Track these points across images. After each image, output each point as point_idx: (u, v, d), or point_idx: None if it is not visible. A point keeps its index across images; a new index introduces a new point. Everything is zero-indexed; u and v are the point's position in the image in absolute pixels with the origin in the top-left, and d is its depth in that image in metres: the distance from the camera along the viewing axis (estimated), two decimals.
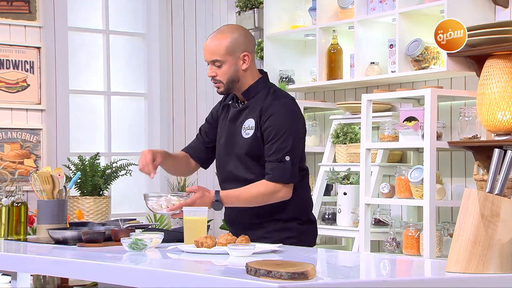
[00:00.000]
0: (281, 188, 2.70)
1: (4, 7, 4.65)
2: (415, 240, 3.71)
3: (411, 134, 3.74)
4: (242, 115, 2.82)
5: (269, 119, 2.72)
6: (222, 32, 2.79)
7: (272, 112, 2.73)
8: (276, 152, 2.70)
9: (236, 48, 2.76)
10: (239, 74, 2.77)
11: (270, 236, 2.75)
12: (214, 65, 2.76)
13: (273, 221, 2.78)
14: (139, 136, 5.24)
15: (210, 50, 2.76)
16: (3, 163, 4.61)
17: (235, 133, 2.81)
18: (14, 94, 4.68)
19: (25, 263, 2.38)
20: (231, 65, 2.75)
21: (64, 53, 4.84)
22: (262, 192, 2.70)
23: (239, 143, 2.79)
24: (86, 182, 4.23)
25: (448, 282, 1.88)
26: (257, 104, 2.78)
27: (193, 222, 2.51)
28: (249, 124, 2.77)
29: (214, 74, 2.77)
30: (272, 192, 2.70)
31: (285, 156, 2.69)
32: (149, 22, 5.22)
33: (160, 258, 2.30)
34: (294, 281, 1.71)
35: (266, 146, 2.73)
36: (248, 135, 2.76)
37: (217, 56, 2.75)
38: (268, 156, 2.72)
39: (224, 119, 2.89)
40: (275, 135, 2.70)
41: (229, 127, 2.84)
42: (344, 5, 4.30)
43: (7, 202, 2.87)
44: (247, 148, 2.76)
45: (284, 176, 2.69)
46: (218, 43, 2.75)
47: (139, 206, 5.19)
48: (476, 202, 1.92)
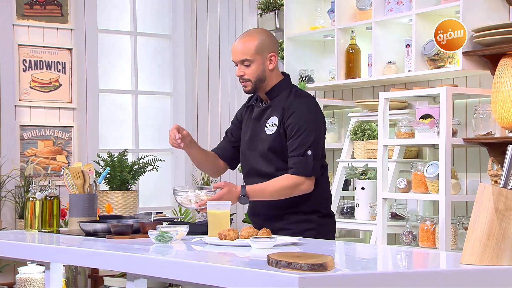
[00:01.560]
0: (303, 181, 2.73)
1: (38, 10, 4.70)
2: (431, 233, 3.69)
3: (427, 131, 3.71)
4: (266, 113, 2.85)
5: (292, 116, 2.75)
6: (250, 34, 2.85)
7: (294, 110, 2.76)
8: (298, 147, 2.73)
9: (264, 49, 2.81)
10: (265, 74, 2.82)
11: (291, 228, 2.77)
12: (243, 65, 2.80)
13: (294, 213, 2.80)
14: (165, 133, 5.26)
15: (239, 50, 2.80)
16: (37, 159, 4.66)
17: (259, 131, 2.83)
18: (47, 93, 4.73)
19: (58, 254, 2.40)
20: (259, 64, 2.80)
21: (94, 54, 4.87)
22: (286, 185, 2.72)
23: (263, 139, 2.82)
24: (114, 177, 4.26)
25: (463, 274, 1.87)
26: (280, 103, 2.81)
27: (216, 216, 2.52)
28: (272, 122, 2.81)
29: (243, 73, 2.81)
30: (295, 186, 2.73)
31: (307, 150, 2.72)
32: (174, 24, 5.24)
33: (185, 250, 2.31)
34: (314, 272, 1.70)
35: (289, 142, 2.76)
36: (271, 131, 2.80)
37: (247, 56, 2.79)
38: (291, 151, 2.75)
39: (248, 118, 2.92)
40: (297, 131, 2.74)
41: (253, 125, 2.87)
42: (362, 6, 4.28)
43: (41, 196, 2.90)
44: (270, 143, 2.79)
45: (306, 170, 2.72)
46: (248, 44, 2.80)
47: (165, 200, 5.21)
48: (490, 196, 1.91)
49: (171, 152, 5.23)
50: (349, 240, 4.45)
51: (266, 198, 2.76)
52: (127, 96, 5.12)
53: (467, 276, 1.86)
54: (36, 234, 2.81)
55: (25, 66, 4.66)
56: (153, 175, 4.69)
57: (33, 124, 4.67)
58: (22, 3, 4.65)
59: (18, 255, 2.55)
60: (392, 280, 1.78)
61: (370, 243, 4.02)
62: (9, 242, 2.61)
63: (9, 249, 2.58)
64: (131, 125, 5.11)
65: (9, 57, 4.59)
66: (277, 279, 1.69)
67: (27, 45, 4.65)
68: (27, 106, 4.66)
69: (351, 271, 1.87)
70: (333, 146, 4.50)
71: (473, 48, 3.69)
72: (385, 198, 3.84)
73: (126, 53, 5.11)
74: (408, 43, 4.01)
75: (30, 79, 4.67)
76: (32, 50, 4.68)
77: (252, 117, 2.89)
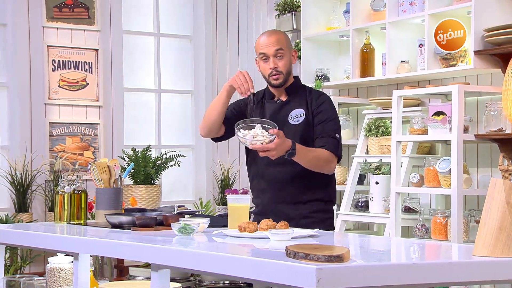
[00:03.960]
0: (333, 159, 2.77)
1: (66, 13, 4.73)
2: (443, 226, 3.66)
3: (440, 127, 3.68)
4: (285, 108, 2.86)
5: (322, 105, 2.83)
6: (275, 31, 2.89)
7: (323, 100, 2.85)
8: (329, 130, 2.80)
9: (290, 44, 2.87)
10: (291, 69, 2.87)
11: (314, 216, 2.79)
12: (276, 57, 2.81)
13: (317, 201, 2.81)
14: (186, 130, 5.27)
15: (273, 41, 2.80)
16: (65, 154, 4.69)
17: (280, 123, 2.79)
18: (75, 92, 4.76)
19: (85, 245, 2.41)
20: (288, 57, 2.84)
21: (119, 54, 4.89)
22: (322, 157, 2.75)
23: (289, 130, 2.80)
24: (139, 172, 4.28)
25: (476, 265, 1.85)
26: (302, 98, 2.85)
27: (236, 209, 2.52)
28: (296, 114, 2.84)
29: (276, 65, 2.81)
30: (328, 160, 2.76)
31: (336, 134, 2.80)
32: (196, 26, 5.24)
33: (207, 242, 2.31)
34: (330, 263, 1.70)
35: (319, 126, 2.80)
36: (298, 121, 2.82)
37: (281, 45, 2.80)
38: (321, 133, 2.80)
39: (261, 113, 2.89)
40: (327, 118, 2.81)
41: (271, 118, 2.83)
42: (376, 7, 4.26)
43: (69, 190, 2.91)
44: (300, 132, 2.80)
45: (336, 149, 2.78)
46: (279, 36, 2.83)
47: (187, 194, 5.23)
48: (501, 191, 1.89)
49: (192, 148, 5.24)
50: (364, 232, 4.44)
51: (306, 161, 2.72)
52: (150, 95, 5.13)
53: (480, 267, 1.85)
54: (65, 226, 2.83)
55: (54, 66, 4.69)
56: (175, 170, 4.70)
57: (62, 121, 4.70)
58: (51, 6, 4.68)
59: (48, 246, 2.57)
60: (405, 271, 1.76)
61: (384, 236, 4.00)
62: (40, 234, 2.63)
63: (40, 240, 2.60)
64: (154, 122, 5.13)
65: (39, 57, 4.63)
66: (295, 270, 1.69)
67: (56, 46, 4.68)
68: (56, 104, 4.69)
69: (366, 262, 1.86)
70: (348, 142, 4.48)
71: (484, 47, 3.65)
72: (399, 192, 3.82)
73: (150, 53, 5.13)
74: (421, 42, 3.98)
75: (59, 78, 4.70)
76: (60, 51, 4.71)
77: (268, 112, 2.87)
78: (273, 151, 2.59)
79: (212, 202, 5.08)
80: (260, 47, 2.82)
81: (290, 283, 1.70)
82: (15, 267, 4.15)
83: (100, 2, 4.81)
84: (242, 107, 2.93)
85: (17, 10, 4.57)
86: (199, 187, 5.19)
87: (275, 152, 2.60)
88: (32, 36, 4.61)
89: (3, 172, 4.45)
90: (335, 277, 1.66)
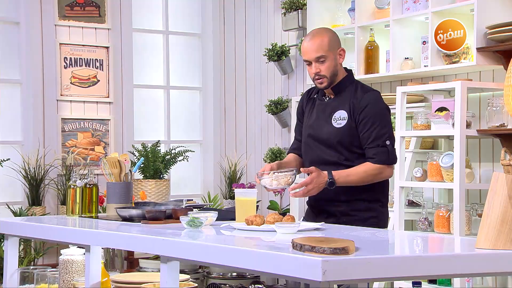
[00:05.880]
0: (385, 169, 2.73)
1: (77, 12, 4.73)
2: (446, 220, 3.65)
3: (443, 123, 3.67)
4: (331, 107, 2.81)
5: (364, 111, 2.73)
6: (319, 33, 2.80)
7: (366, 104, 2.74)
8: (376, 138, 2.72)
9: (334, 44, 2.78)
10: (337, 68, 2.79)
11: (355, 214, 2.75)
12: (317, 62, 2.76)
13: (359, 200, 2.77)
14: (194, 125, 5.28)
15: (314, 48, 2.75)
16: (77, 149, 4.70)
17: (323, 124, 2.79)
18: (86, 88, 4.77)
19: (97, 237, 2.42)
20: (332, 60, 2.76)
21: (129, 51, 4.90)
22: (369, 173, 2.71)
23: (330, 132, 2.77)
24: (148, 166, 4.29)
25: (478, 258, 1.85)
26: (347, 98, 2.78)
27: (244, 203, 2.52)
28: (340, 115, 2.77)
29: (318, 70, 2.76)
30: (377, 173, 2.72)
31: (386, 140, 2.73)
32: (204, 24, 5.24)
33: (215, 235, 2.31)
34: (336, 255, 1.70)
35: (364, 134, 2.73)
36: (340, 125, 2.76)
37: (322, 52, 2.74)
38: (368, 143, 2.73)
39: (310, 110, 2.88)
40: (372, 124, 2.72)
41: (317, 117, 2.83)
42: (381, 5, 4.24)
43: (81, 184, 2.92)
44: (340, 137, 2.75)
45: (388, 159, 2.73)
46: (320, 41, 2.75)
47: (195, 188, 5.23)
48: (504, 184, 1.88)
49: (200, 143, 5.24)
50: None
51: (350, 183, 2.71)
52: (159, 91, 5.14)
53: (482, 260, 1.84)
54: (77, 219, 2.84)
55: (66, 64, 4.70)
56: (184, 164, 4.71)
57: (73, 117, 4.72)
58: (63, 5, 4.68)
59: (61, 238, 2.57)
60: (409, 264, 1.76)
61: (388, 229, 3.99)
62: (53, 226, 2.64)
63: (52, 233, 2.61)
64: (163, 118, 5.13)
65: (51, 55, 4.64)
66: (302, 262, 1.69)
67: (68, 44, 4.69)
68: (68, 101, 4.70)
69: (371, 255, 1.85)
70: None
71: (487, 44, 3.63)
72: (402, 186, 3.81)
73: (159, 50, 5.13)
74: (425, 40, 3.96)
75: (71, 75, 4.71)
76: (72, 48, 4.71)
77: (315, 110, 2.85)
78: (310, 185, 2.60)
79: (219, 196, 5.08)
80: (302, 52, 2.80)
81: (296, 275, 1.70)
82: (28, 258, 4.17)
83: (110, 1, 4.81)
84: (301, 112, 2.93)
85: (30, 9, 4.58)
86: (207, 181, 5.20)
87: (312, 186, 2.61)
88: (45, 34, 4.62)
89: (17, 166, 4.46)
90: (341, 269, 1.66)
